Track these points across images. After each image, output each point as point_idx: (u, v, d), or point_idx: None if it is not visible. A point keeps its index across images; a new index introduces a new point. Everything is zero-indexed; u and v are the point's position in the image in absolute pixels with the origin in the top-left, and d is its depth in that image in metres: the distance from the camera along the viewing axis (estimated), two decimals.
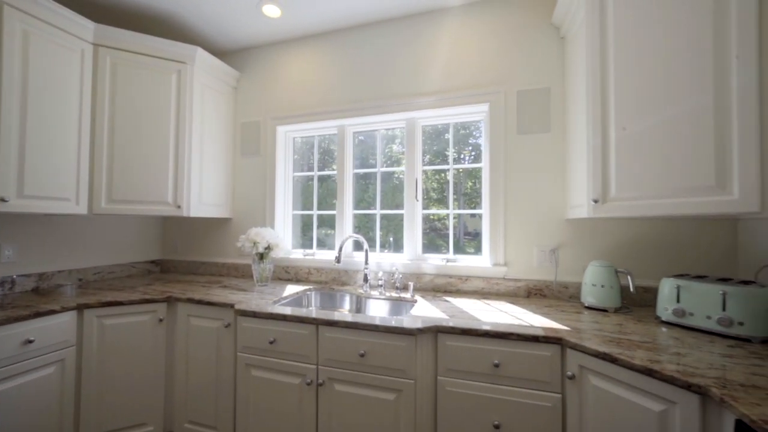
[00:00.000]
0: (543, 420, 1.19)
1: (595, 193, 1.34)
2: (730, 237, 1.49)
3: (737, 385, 0.82)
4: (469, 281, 1.88)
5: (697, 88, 1.07)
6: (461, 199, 2.11)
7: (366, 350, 1.37)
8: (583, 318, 1.40)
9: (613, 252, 1.65)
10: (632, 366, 0.97)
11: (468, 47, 1.95)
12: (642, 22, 1.23)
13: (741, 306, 1.12)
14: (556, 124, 1.78)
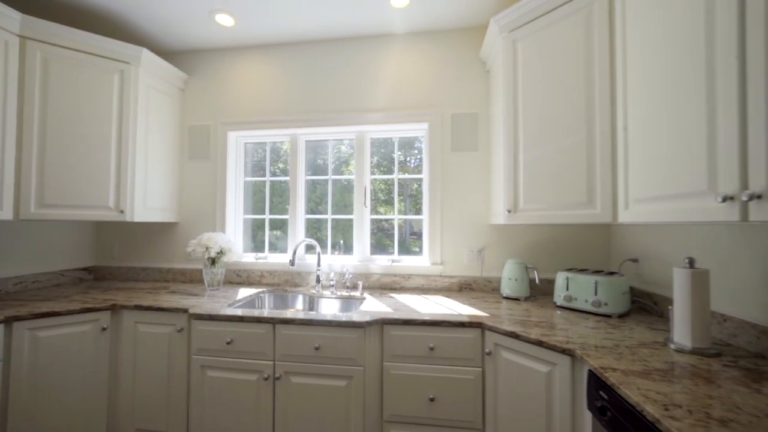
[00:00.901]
0: (467, 390, 1.46)
1: (508, 205, 1.66)
2: (605, 239, 1.94)
3: (592, 347, 1.15)
4: (411, 279, 2.13)
5: (575, 128, 1.43)
6: (407, 200, 2.35)
7: (320, 344, 1.52)
8: (500, 306, 1.72)
9: (525, 251, 2.02)
10: (529, 340, 1.27)
11: (411, 72, 2.20)
12: (538, 75, 1.56)
13: (606, 291, 1.50)
14: (482, 144, 2.10)
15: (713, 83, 0.87)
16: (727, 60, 0.83)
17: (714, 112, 0.86)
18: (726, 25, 0.83)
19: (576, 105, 1.43)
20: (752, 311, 1.11)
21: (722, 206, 0.83)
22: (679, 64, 0.98)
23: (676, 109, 0.99)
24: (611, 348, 1.14)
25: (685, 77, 0.96)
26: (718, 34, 0.85)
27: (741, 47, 0.80)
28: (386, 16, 2.04)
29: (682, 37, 0.97)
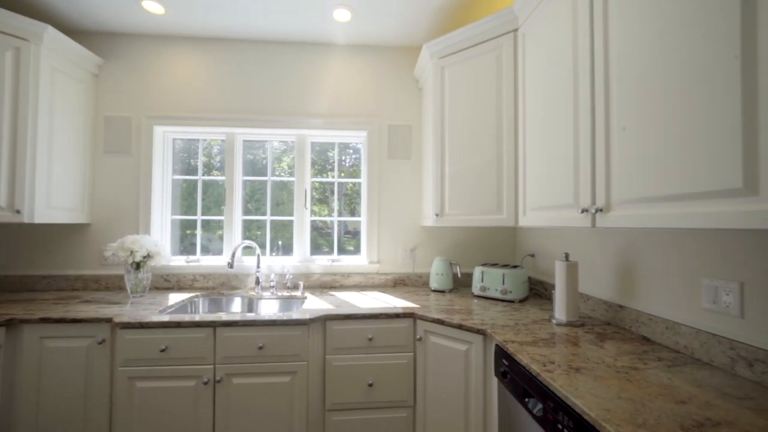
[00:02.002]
0: (402, 373, 1.66)
1: (436, 209, 1.91)
2: (512, 239, 2.34)
3: (499, 326, 1.44)
4: (350, 277, 2.27)
5: (488, 148, 1.73)
6: (342, 199, 2.47)
7: (264, 343, 1.57)
8: (429, 298, 1.96)
9: (449, 249, 2.32)
10: (452, 324, 1.52)
11: (352, 82, 2.33)
12: (461, 99, 1.84)
13: (511, 281, 1.84)
14: (415, 153, 2.34)
15: (577, 127, 1.19)
16: (585, 108, 1.15)
17: (577, 148, 1.19)
18: (587, 86, 1.15)
19: (489, 128, 1.73)
20: (604, 292, 1.51)
21: (581, 216, 1.16)
22: (555, 108, 1.31)
23: (554, 141, 1.32)
24: (512, 326, 1.44)
25: (558, 119, 1.28)
26: (581, 92, 1.18)
27: (592, 101, 1.12)
28: (329, 27, 2.14)
29: (558, 86, 1.29)
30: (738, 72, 0.69)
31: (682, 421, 0.75)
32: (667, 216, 0.85)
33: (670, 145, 0.85)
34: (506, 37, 1.68)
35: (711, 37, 0.75)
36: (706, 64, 0.76)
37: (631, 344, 1.22)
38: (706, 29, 0.76)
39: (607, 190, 1.06)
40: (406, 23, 2.10)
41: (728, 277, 1.01)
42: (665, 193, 0.86)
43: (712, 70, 0.75)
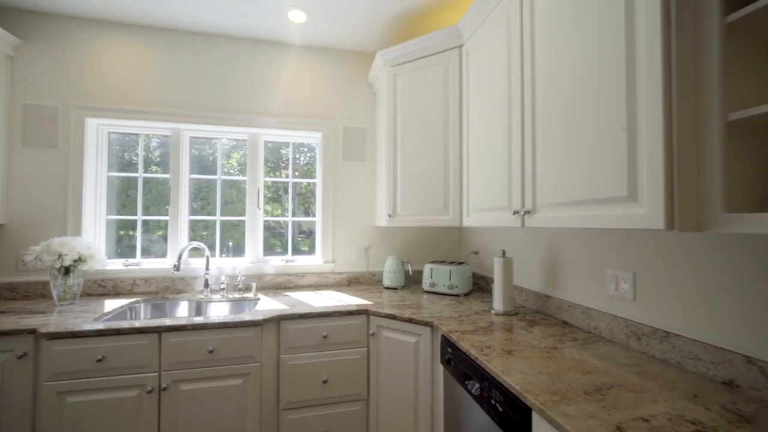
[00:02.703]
0: (355, 368, 1.72)
1: (389, 210, 2.01)
2: (458, 237, 2.52)
3: (445, 318, 1.56)
4: (305, 277, 2.28)
5: (436, 154, 1.86)
6: (297, 198, 2.47)
7: (215, 346, 1.54)
8: (382, 295, 2.05)
9: (402, 248, 2.44)
10: (402, 318, 1.62)
11: (307, 82, 2.34)
12: (413, 106, 1.95)
13: (457, 277, 2.00)
14: (369, 155, 2.42)
15: (510, 139, 1.35)
16: (516, 122, 1.31)
17: (510, 158, 1.35)
18: (518, 104, 1.31)
19: (437, 136, 1.86)
20: (534, 284, 1.71)
21: (513, 217, 1.32)
22: (492, 120, 1.46)
23: (492, 150, 1.47)
24: (456, 317, 1.58)
25: (495, 131, 1.44)
26: (513, 109, 1.34)
27: (522, 117, 1.28)
28: (285, 27, 2.13)
29: (495, 101, 1.45)
30: (624, 114, 0.87)
31: (585, 387, 0.92)
32: (576, 218, 1.02)
33: (578, 159, 1.02)
34: (452, 52, 1.82)
35: (606, 83, 0.92)
36: (605, 103, 0.93)
37: (554, 328, 1.41)
38: (603, 79, 0.93)
39: (533, 195, 1.22)
40: (362, 30, 2.16)
41: (625, 268, 1.22)
42: (574, 198, 1.03)
43: (609, 108, 0.92)
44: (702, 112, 0.76)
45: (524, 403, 0.91)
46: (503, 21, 1.42)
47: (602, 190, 0.93)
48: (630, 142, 0.86)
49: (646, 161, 0.81)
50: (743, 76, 0.76)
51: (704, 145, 0.76)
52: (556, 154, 1.11)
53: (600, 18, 0.95)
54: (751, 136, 0.76)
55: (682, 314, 1.04)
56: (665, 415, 0.78)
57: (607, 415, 0.78)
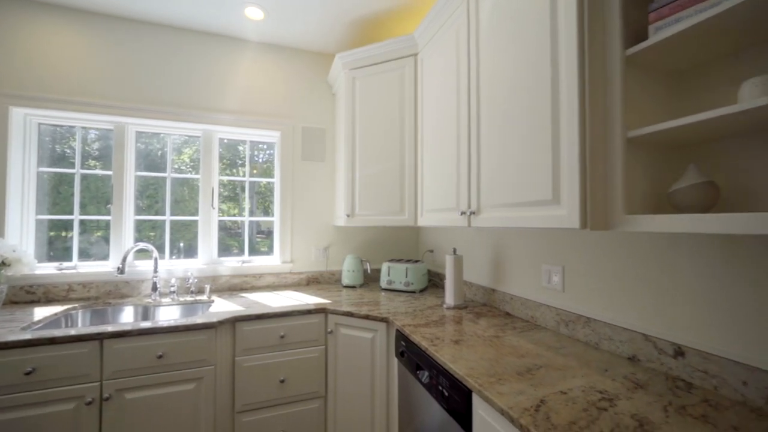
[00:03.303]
0: (313, 366, 1.75)
1: (347, 210, 2.05)
2: (415, 236, 2.63)
3: (400, 314, 1.64)
4: (262, 278, 2.25)
5: (393, 156, 1.94)
6: (255, 197, 2.42)
7: (165, 351, 1.49)
8: (341, 294, 2.09)
9: (360, 247, 2.49)
10: (359, 315, 1.67)
11: (265, 80, 2.31)
12: (371, 110, 2.01)
13: (413, 274, 2.09)
14: (329, 156, 2.44)
15: (459, 144, 1.46)
16: (464, 130, 1.42)
17: (459, 162, 1.45)
18: (464, 113, 1.42)
19: (393, 139, 1.94)
20: (482, 279, 1.85)
21: (461, 217, 1.42)
22: (443, 126, 1.56)
23: (443, 154, 1.58)
24: (411, 312, 1.66)
25: (445, 137, 1.54)
26: (461, 117, 1.44)
27: (468, 125, 1.39)
28: (242, 23, 2.08)
29: (445, 108, 1.55)
30: (549, 129, 0.99)
31: (518, 369, 1.03)
32: (512, 218, 1.14)
33: (513, 166, 1.14)
34: (408, 60, 1.90)
35: (535, 101, 1.04)
36: (534, 119, 1.05)
37: (497, 319, 1.54)
38: (530, 100, 1.05)
39: (478, 197, 1.34)
40: (321, 31, 2.18)
41: (556, 263, 1.38)
42: (511, 201, 1.15)
43: (537, 123, 1.04)
44: (608, 131, 0.90)
45: (466, 386, 1.00)
46: (453, 35, 1.52)
47: (533, 194, 1.05)
48: (554, 153, 0.98)
49: (566, 171, 0.94)
50: (639, 100, 0.91)
51: (610, 159, 0.90)
52: (495, 160, 1.23)
53: (529, 49, 1.07)
54: (645, 151, 0.92)
55: (600, 302, 1.20)
56: (580, 388, 0.91)
57: (534, 390, 0.90)
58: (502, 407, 0.83)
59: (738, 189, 0.85)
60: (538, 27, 1.04)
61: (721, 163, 0.88)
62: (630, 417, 0.78)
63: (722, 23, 0.74)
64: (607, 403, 0.84)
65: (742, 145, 0.84)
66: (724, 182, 0.87)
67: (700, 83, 0.92)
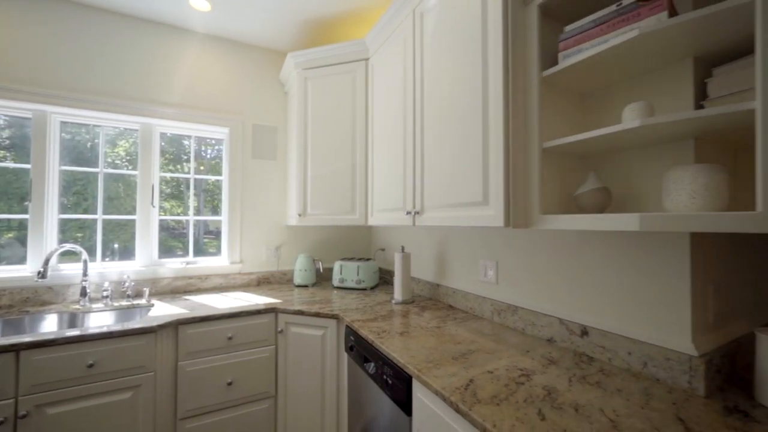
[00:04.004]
0: (263, 366, 1.73)
1: (299, 209, 2.06)
2: (368, 236, 2.70)
3: (350, 310, 1.69)
4: (209, 279, 2.17)
5: (344, 157, 1.98)
6: (201, 195, 2.31)
7: (96, 359, 1.39)
8: (293, 293, 2.08)
9: (313, 247, 2.50)
10: (310, 313, 1.69)
11: (211, 74, 2.22)
12: (323, 110, 2.04)
13: (364, 272, 2.15)
14: (280, 154, 2.42)
15: (405, 148, 1.55)
16: (409, 133, 1.51)
17: (405, 165, 1.54)
18: (410, 117, 1.51)
19: (345, 140, 1.98)
20: (428, 275, 1.97)
21: (407, 217, 1.51)
22: (391, 130, 1.65)
23: (391, 157, 1.66)
24: (361, 309, 1.72)
25: (393, 140, 1.63)
26: (407, 121, 1.54)
27: (414, 129, 1.48)
28: (186, 12, 1.98)
29: (393, 113, 1.64)
30: (480, 141, 1.11)
31: (454, 354, 1.14)
32: (450, 217, 1.25)
33: (451, 170, 1.24)
34: (360, 64, 1.96)
35: (468, 114, 1.16)
36: (468, 129, 1.16)
37: (440, 311, 1.66)
38: (464, 110, 1.17)
39: (421, 198, 1.43)
40: (273, 28, 2.15)
41: (491, 259, 1.52)
42: (449, 202, 1.25)
43: (470, 132, 1.15)
44: (528, 141, 1.03)
45: (407, 373, 1.08)
46: (400, 45, 1.61)
47: (467, 196, 1.17)
48: (484, 161, 1.10)
49: (493, 176, 1.06)
50: (553, 115, 1.06)
51: (529, 166, 1.03)
52: (436, 165, 1.33)
53: (464, 66, 1.18)
54: (557, 159, 1.06)
55: (527, 292, 1.35)
56: (504, 367, 1.03)
57: (465, 372, 1.00)
58: (437, 388, 0.92)
59: (626, 193, 1.02)
60: (472, 47, 1.16)
61: (614, 171, 1.05)
62: (541, 388, 0.91)
63: (610, 57, 0.89)
64: (525, 378, 0.97)
65: (629, 157, 1.02)
66: (616, 187, 1.04)
67: (602, 104, 1.09)
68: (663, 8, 0.79)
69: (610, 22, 0.88)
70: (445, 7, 1.30)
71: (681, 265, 0.90)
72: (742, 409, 0.80)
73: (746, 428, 0.73)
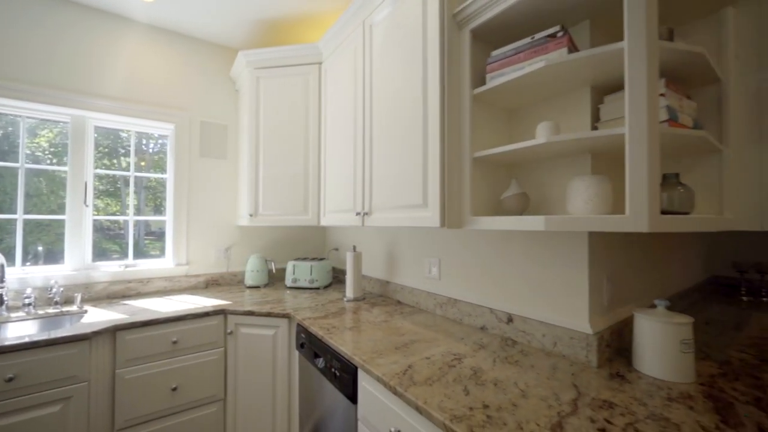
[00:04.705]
0: (211, 369, 1.70)
1: (250, 210, 2.04)
2: (322, 236, 2.73)
3: (303, 309, 1.73)
4: (151, 283, 2.06)
5: (297, 158, 2.01)
6: (142, 193, 2.18)
7: (17, 373, 1.28)
8: (244, 294, 2.06)
9: (266, 247, 2.48)
10: (261, 313, 1.70)
11: (156, 68, 2.11)
12: (276, 110, 2.04)
13: (317, 272, 2.19)
14: (231, 153, 2.36)
15: (355, 152, 1.62)
16: (359, 138, 1.58)
17: (355, 168, 1.62)
18: (360, 123, 1.59)
19: (298, 141, 2.01)
20: (379, 273, 2.06)
21: (357, 218, 1.59)
22: (342, 134, 1.71)
23: (342, 160, 1.72)
24: (313, 307, 1.76)
25: (344, 144, 1.70)
26: (357, 127, 1.61)
27: (363, 134, 1.56)
28: (127, 0, 1.87)
29: (344, 117, 1.70)
30: (420, 149, 1.22)
31: (397, 344, 1.23)
32: (395, 218, 1.35)
33: (395, 174, 1.34)
34: (313, 67, 2.00)
35: (410, 125, 1.26)
36: (410, 139, 1.27)
37: (389, 307, 1.76)
38: (409, 119, 1.27)
39: (370, 200, 1.52)
40: (224, 24, 2.10)
41: (435, 256, 1.65)
42: (394, 204, 1.35)
43: (412, 143, 1.26)
44: (462, 151, 1.16)
45: (353, 364, 1.16)
46: (351, 53, 1.68)
47: (409, 199, 1.27)
48: (423, 167, 1.21)
49: (431, 181, 1.17)
50: (484, 128, 1.20)
51: (462, 173, 1.16)
52: (383, 169, 1.43)
53: (407, 81, 1.29)
54: (486, 167, 1.21)
55: (465, 286, 1.49)
56: (441, 353, 1.15)
57: (405, 359, 1.10)
58: (378, 375, 1.01)
59: (541, 198, 1.19)
60: (414, 64, 1.26)
61: (532, 178, 1.22)
62: (470, 369, 1.03)
63: (527, 81, 1.04)
64: (456, 361, 1.09)
65: (543, 167, 1.18)
66: (534, 193, 1.21)
67: (525, 119, 1.25)
68: (564, 45, 0.95)
69: (526, 52, 1.03)
70: (391, 24, 1.40)
71: (581, 259, 1.08)
72: (622, 374, 0.98)
73: (621, 388, 0.91)
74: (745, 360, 1.09)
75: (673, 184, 0.97)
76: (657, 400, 0.85)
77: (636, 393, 0.88)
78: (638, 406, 0.83)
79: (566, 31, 0.96)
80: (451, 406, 0.83)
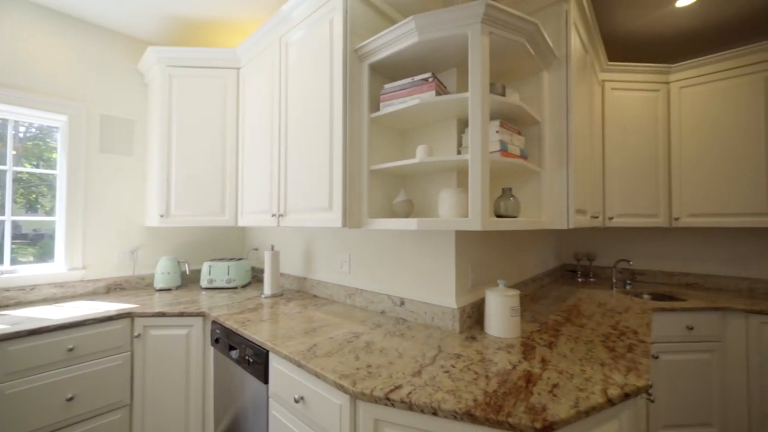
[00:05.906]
0: (115, 375, 1.65)
1: (161, 210, 2.00)
2: (242, 236, 2.75)
3: (218, 307, 1.79)
4: (37, 290, 1.88)
5: (214, 158, 2.04)
6: (10, 187, 1.93)
7: None
8: (153, 297, 2.01)
9: (179, 248, 2.42)
10: (173, 314, 1.71)
11: (44, 51, 1.92)
12: (191, 110, 2.04)
13: (235, 271, 2.23)
14: (138, 150, 2.25)
15: (272, 156, 1.75)
16: (275, 143, 1.72)
17: (272, 171, 1.75)
18: (276, 129, 1.73)
19: (215, 142, 2.04)
20: (297, 270, 2.20)
21: (272, 218, 1.72)
22: (260, 139, 1.83)
23: (259, 163, 1.84)
24: (229, 305, 1.83)
25: (261, 148, 1.81)
26: (274, 133, 1.75)
27: (279, 140, 1.71)
28: None
29: (262, 123, 1.82)
30: (327, 160, 1.42)
31: (306, 330, 1.41)
32: (306, 219, 1.53)
33: (306, 181, 1.53)
34: (231, 72, 2.05)
35: (317, 136, 1.46)
36: (318, 149, 1.46)
37: (305, 300, 1.92)
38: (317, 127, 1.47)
39: (285, 202, 1.67)
40: (128, 13, 2.01)
41: (346, 253, 1.87)
42: (305, 206, 1.53)
43: (320, 154, 1.46)
44: (361, 164, 1.39)
45: (264, 349, 1.30)
46: (269, 65, 1.80)
47: (318, 202, 1.47)
48: (329, 176, 1.42)
49: (336, 188, 1.38)
50: (381, 146, 1.45)
51: (361, 182, 1.39)
52: (296, 175, 1.59)
53: (317, 100, 1.48)
54: (381, 178, 1.46)
55: (369, 277, 1.74)
56: (343, 334, 1.37)
57: (311, 340, 1.29)
58: (286, 354, 1.18)
59: (423, 204, 1.49)
60: (322, 86, 1.46)
61: (416, 188, 1.51)
62: (364, 342, 1.27)
63: (409, 112, 1.32)
64: (354, 338, 1.32)
65: (422, 180, 1.49)
66: (418, 200, 1.51)
67: (413, 140, 1.54)
68: (433, 88, 1.25)
69: (408, 89, 1.31)
70: (305, 46, 1.57)
71: (450, 252, 1.40)
72: (474, 336, 1.33)
73: (470, 345, 1.23)
74: (557, 321, 1.54)
75: (508, 195, 1.35)
76: (490, 350, 1.19)
77: (478, 347, 1.22)
78: (476, 354, 1.15)
79: (435, 77, 1.26)
80: (342, 369, 1.05)
